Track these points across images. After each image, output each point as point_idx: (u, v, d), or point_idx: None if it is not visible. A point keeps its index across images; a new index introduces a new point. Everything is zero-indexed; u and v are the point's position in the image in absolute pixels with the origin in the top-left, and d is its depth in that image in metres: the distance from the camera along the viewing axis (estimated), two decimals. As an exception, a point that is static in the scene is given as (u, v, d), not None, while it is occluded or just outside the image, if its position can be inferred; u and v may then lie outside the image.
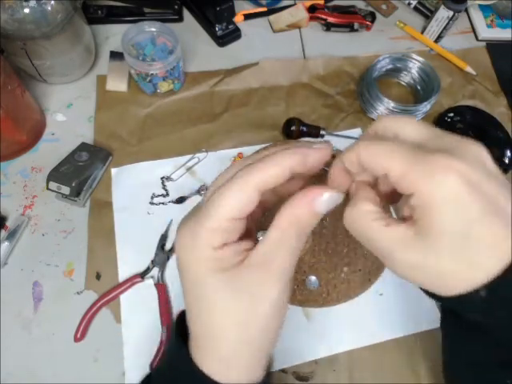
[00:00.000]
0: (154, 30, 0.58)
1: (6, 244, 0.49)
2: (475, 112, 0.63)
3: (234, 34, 0.68)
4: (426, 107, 0.61)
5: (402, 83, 0.67)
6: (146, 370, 0.45)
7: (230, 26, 0.67)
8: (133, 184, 0.55)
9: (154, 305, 0.48)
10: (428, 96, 0.61)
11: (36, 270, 0.49)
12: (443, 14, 0.67)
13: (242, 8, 0.71)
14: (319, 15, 0.70)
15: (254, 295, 0.22)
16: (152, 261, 0.50)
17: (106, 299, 0.47)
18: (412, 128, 0.23)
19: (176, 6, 0.69)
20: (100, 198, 0.54)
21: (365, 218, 0.22)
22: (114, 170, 0.55)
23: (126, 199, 0.54)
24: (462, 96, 0.67)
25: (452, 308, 0.25)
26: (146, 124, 0.60)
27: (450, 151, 0.20)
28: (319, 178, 0.27)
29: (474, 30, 0.75)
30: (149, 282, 0.49)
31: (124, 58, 0.56)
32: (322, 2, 0.72)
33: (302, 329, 0.49)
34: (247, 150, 0.58)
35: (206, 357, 0.23)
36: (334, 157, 0.25)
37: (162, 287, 0.48)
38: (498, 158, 0.58)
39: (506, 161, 0.58)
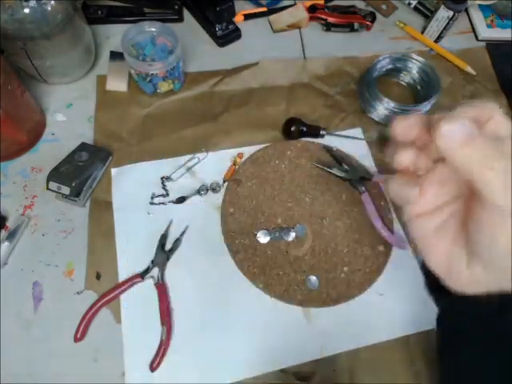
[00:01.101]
0: (153, 29, 0.58)
1: (5, 244, 0.49)
2: (475, 112, 0.63)
3: (234, 34, 0.68)
4: (425, 107, 0.61)
5: (402, 83, 0.67)
6: (146, 370, 0.45)
7: (230, 26, 0.67)
8: (133, 184, 0.55)
9: (154, 305, 0.48)
10: (428, 96, 0.61)
11: (36, 270, 0.49)
12: (443, 13, 0.67)
13: (242, 8, 0.71)
14: (319, 15, 0.70)
15: None
16: (152, 261, 0.50)
17: (106, 299, 0.47)
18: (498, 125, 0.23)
19: (176, 6, 0.69)
20: (100, 197, 0.54)
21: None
22: (113, 170, 0.55)
23: (126, 199, 0.54)
24: (461, 96, 0.67)
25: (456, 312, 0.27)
26: (146, 124, 0.60)
27: None
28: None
29: (474, 30, 0.75)
30: (149, 282, 0.49)
31: (124, 58, 0.56)
32: (321, 2, 0.72)
33: (302, 329, 0.49)
34: (247, 150, 0.58)
35: None
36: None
37: (162, 287, 0.48)
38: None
39: (506, 161, 0.58)
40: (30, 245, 0.50)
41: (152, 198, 0.54)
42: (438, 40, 0.71)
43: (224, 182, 0.56)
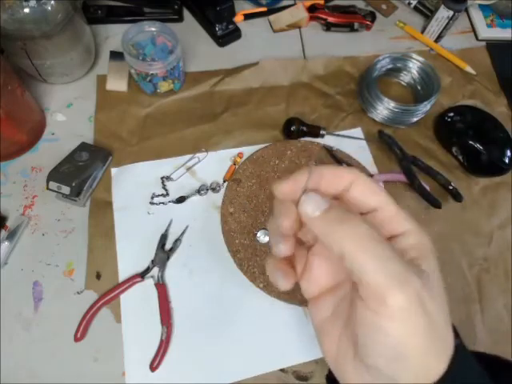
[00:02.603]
0: (153, 29, 0.58)
1: (5, 244, 0.49)
2: (475, 112, 0.63)
3: (234, 34, 0.68)
4: (426, 107, 0.61)
5: (402, 83, 0.67)
6: (146, 370, 0.45)
7: (229, 26, 0.67)
8: (133, 184, 0.55)
9: (154, 305, 0.48)
10: (428, 96, 0.61)
11: (36, 269, 0.49)
12: (443, 13, 0.67)
13: (242, 8, 0.71)
14: (319, 15, 0.70)
15: None
16: (152, 261, 0.50)
17: (105, 299, 0.47)
18: (363, 188, 0.22)
19: (176, 6, 0.69)
20: (100, 197, 0.53)
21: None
22: (113, 170, 0.55)
23: (126, 199, 0.54)
24: (462, 96, 0.67)
25: None
26: (146, 124, 0.60)
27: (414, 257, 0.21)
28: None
29: (474, 30, 0.75)
30: (149, 282, 0.49)
31: (124, 57, 0.56)
32: (322, 2, 0.72)
33: (302, 329, 0.49)
34: (247, 150, 0.58)
35: None
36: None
37: (162, 287, 0.48)
38: (498, 158, 0.58)
39: (506, 161, 0.58)
40: (30, 245, 0.50)
41: (152, 197, 0.54)
42: (437, 40, 0.71)
43: (224, 181, 0.56)
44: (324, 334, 0.25)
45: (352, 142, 0.60)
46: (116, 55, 0.62)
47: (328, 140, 0.60)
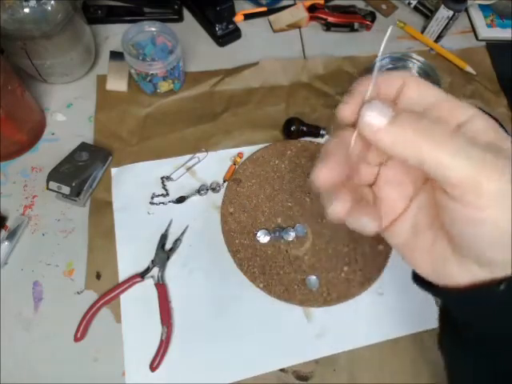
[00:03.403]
0: (153, 29, 0.58)
1: (5, 244, 0.49)
2: (475, 112, 0.63)
3: (234, 34, 0.68)
4: (426, 107, 0.61)
5: (402, 83, 0.67)
6: (146, 370, 0.45)
7: (229, 26, 0.67)
8: (133, 184, 0.55)
9: (154, 305, 0.48)
10: (428, 96, 0.61)
11: (36, 269, 0.49)
12: (443, 13, 0.67)
13: (242, 8, 0.71)
14: (319, 15, 0.70)
15: None
16: (152, 261, 0.50)
17: (106, 299, 0.47)
18: (418, 85, 0.21)
19: (176, 6, 0.69)
20: (100, 197, 0.53)
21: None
22: (113, 170, 0.55)
23: (126, 199, 0.54)
24: (462, 96, 0.67)
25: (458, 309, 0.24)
26: (146, 124, 0.60)
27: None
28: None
29: (474, 30, 0.75)
30: (149, 282, 0.49)
31: (124, 57, 0.56)
32: (322, 2, 0.72)
33: (302, 328, 0.49)
34: (247, 150, 0.58)
35: None
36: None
37: (162, 287, 0.48)
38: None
39: (506, 161, 0.58)
40: (29, 245, 0.50)
41: (152, 197, 0.54)
42: (437, 40, 0.71)
43: (224, 181, 0.56)
44: (411, 250, 0.24)
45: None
46: (116, 55, 0.62)
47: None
